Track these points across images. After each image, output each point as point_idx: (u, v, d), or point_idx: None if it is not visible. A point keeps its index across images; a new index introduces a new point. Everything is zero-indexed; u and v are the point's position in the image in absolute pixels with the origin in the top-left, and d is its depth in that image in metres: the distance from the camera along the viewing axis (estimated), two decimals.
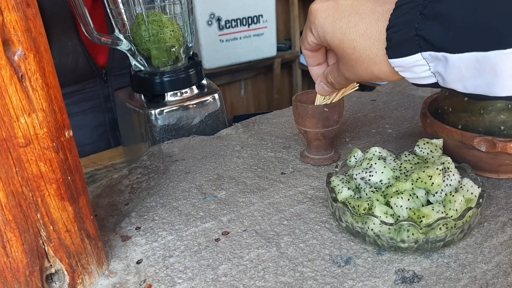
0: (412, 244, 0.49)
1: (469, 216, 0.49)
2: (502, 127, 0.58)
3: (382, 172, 0.53)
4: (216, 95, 1.01)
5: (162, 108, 0.95)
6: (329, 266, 0.51)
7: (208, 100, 1.00)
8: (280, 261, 0.52)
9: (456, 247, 0.52)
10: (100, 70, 1.21)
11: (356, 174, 0.55)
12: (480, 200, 0.50)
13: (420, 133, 0.79)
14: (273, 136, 0.85)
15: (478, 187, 0.51)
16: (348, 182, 0.56)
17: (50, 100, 0.46)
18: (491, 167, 0.59)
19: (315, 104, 0.70)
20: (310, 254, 0.53)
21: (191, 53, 1.04)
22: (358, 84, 0.69)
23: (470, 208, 0.49)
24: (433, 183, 0.50)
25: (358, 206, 0.50)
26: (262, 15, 2.56)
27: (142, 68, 0.98)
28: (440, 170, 0.50)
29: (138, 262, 0.55)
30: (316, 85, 0.61)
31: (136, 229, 0.61)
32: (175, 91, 0.98)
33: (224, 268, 0.52)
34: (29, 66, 0.44)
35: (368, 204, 0.50)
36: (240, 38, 2.53)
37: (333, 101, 0.67)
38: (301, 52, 2.91)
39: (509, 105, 0.57)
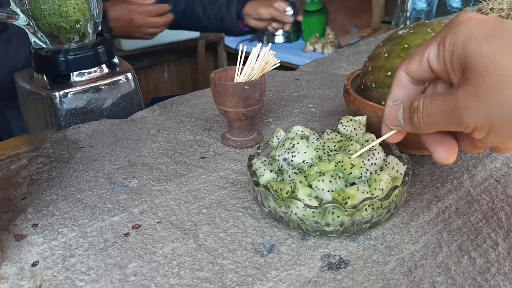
0: (337, 227, 0.46)
1: (395, 195, 0.46)
2: None
3: (305, 152, 0.49)
4: (129, 75, 0.93)
5: (67, 90, 0.85)
6: (251, 256, 0.46)
7: (120, 80, 0.92)
8: (197, 254, 0.47)
9: (383, 228, 0.49)
10: None
11: (279, 156, 0.51)
12: (406, 178, 0.48)
13: (343, 111, 0.77)
14: (192, 118, 0.79)
15: (404, 165, 0.49)
16: (271, 164, 0.52)
17: None
18: (415, 144, 0.57)
19: (235, 81, 0.65)
20: (231, 244, 0.48)
21: (99, 28, 0.95)
22: (279, 60, 0.65)
23: (396, 187, 0.46)
24: (350, 173, 0.47)
25: (280, 189, 0.46)
26: None
27: (44, 46, 0.88)
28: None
29: (34, 265, 0.47)
30: (387, 109, 0.41)
31: (32, 226, 0.53)
32: (82, 71, 0.89)
33: (134, 266, 0.46)
34: None
35: (291, 187, 0.46)
36: None
37: (252, 78, 0.63)
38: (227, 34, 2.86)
39: None
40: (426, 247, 0.47)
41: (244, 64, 0.66)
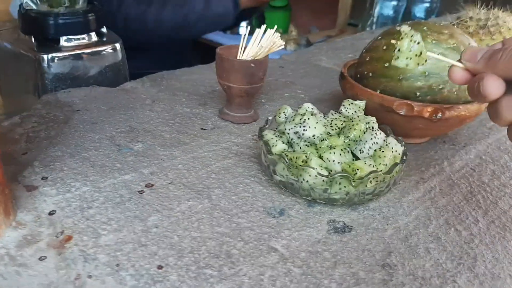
0: (343, 196, 0.51)
1: (396, 171, 0.52)
2: (418, 93, 0.62)
3: (315, 127, 0.54)
4: (117, 45, 0.93)
5: (55, 54, 0.85)
6: (264, 217, 0.50)
7: (108, 49, 0.92)
8: (214, 213, 0.50)
9: (379, 202, 0.55)
10: None
11: (289, 129, 0.55)
12: (404, 157, 0.53)
13: (330, 99, 0.82)
14: (186, 92, 0.81)
15: (401, 145, 0.55)
16: (280, 136, 0.56)
17: None
18: (405, 130, 0.63)
19: (238, 57, 0.68)
20: (244, 206, 0.52)
21: None
22: (284, 42, 0.69)
23: (397, 164, 0.51)
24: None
25: (296, 158, 0.50)
26: None
27: (34, 7, 0.87)
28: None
29: (51, 213, 0.48)
30: (467, 48, 0.42)
31: (42, 179, 0.54)
32: (71, 36, 0.88)
33: (154, 219, 0.48)
34: None
35: (306, 156, 0.50)
36: None
37: (258, 57, 0.66)
38: None
39: (426, 73, 0.61)
40: (418, 219, 0.52)
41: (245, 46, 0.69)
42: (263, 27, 0.70)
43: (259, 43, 0.69)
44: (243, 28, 2.92)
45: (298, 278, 0.42)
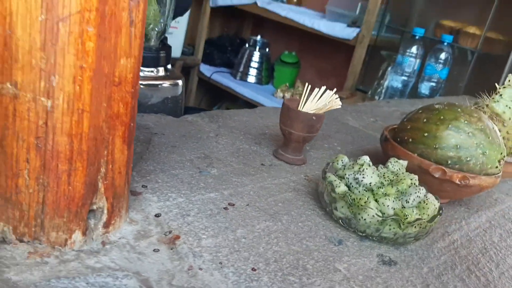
0: (391, 236, 0.63)
1: (435, 222, 0.64)
2: (449, 161, 0.75)
3: (371, 176, 0.66)
4: (179, 81, 1.06)
5: None
6: (327, 243, 0.61)
7: (171, 83, 1.04)
8: (287, 234, 0.61)
9: (415, 245, 0.67)
10: None
11: (349, 175, 0.67)
12: (440, 211, 0.66)
13: (363, 154, 0.95)
14: (241, 131, 0.93)
15: (438, 201, 0.67)
16: (341, 180, 0.68)
17: (140, 49, 0.50)
18: (434, 191, 0.76)
19: (299, 109, 0.81)
20: (309, 232, 0.63)
21: (163, 37, 1.08)
22: (340, 104, 0.82)
23: (436, 216, 0.64)
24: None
25: (359, 199, 0.62)
26: None
27: None
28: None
29: (157, 216, 0.59)
30: None
31: (142, 187, 0.65)
32: (144, 68, 1.01)
33: (241, 232, 0.59)
34: (138, 14, 0.48)
35: (367, 198, 0.62)
36: None
37: (322, 111, 0.79)
38: (203, 62, 3.00)
39: (458, 146, 0.75)
40: (446, 263, 0.64)
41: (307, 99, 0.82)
42: (323, 88, 0.83)
43: (318, 100, 0.82)
44: (252, 76, 3.08)
45: None
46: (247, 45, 3.02)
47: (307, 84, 0.84)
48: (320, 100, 0.81)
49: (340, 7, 2.59)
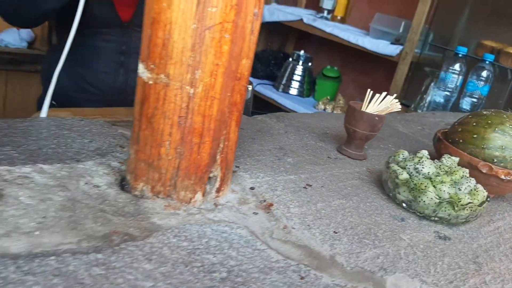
0: (446, 216, 0.74)
1: (483, 207, 0.75)
2: (495, 160, 0.86)
3: (429, 167, 0.78)
4: (250, 87, 1.19)
5: None
6: (391, 220, 0.73)
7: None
8: (358, 210, 0.73)
9: (465, 227, 0.78)
10: (122, 23, 1.29)
11: (410, 166, 0.79)
12: (488, 199, 0.77)
13: None
14: (305, 130, 1.06)
15: (485, 191, 0.78)
16: (403, 169, 0.80)
17: (253, 53, 0.63)
18: (481, 186, 0.87)
19: (362, 109, 0.93)
20: (376, 210, 0.75)
21: None
22: (400, 107, 0.94)
23: (485, 201, 0.75)
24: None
25: (420, 184, 0.74)
26: None
27: None
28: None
29: (252, 188, 0.72)
30: None
31: (236, 167, 0.78)
32: None
33: (321, 205, 0.72)
34: (256, 25, 0.61)
35: (426, 184, 0.74)
36: None
37: (383, 113, 0.91)
38: None
39: (503, 146, 0.85)
40: (492, 242, 0.75)
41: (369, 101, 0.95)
42: (384, 93, 0.95)
43: (380, 103, 0.94)
44: (294, 89, 3.20)
45: (421, 258, 0.65)
46: (290, 59, 3.16)
47: (369, 90, 0.97)
48: (381, 104, 0.93)
49: (384, 26, 2.71)
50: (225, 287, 0.50)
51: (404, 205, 0.77)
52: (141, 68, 0.60)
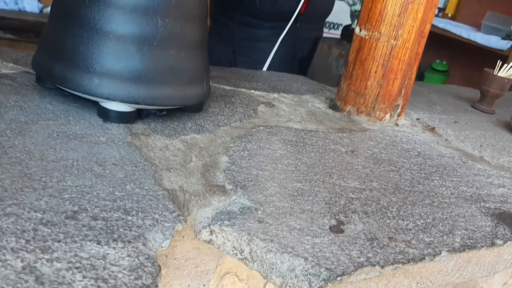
0: None
1: None
2: None
3: None
4: None
5: None
6: None
7: None
8: (495, 137, 1.02)
9: None
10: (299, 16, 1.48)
11: None
12: None
13: None
14: (444, 93, 1.36)
15: None
16: None
17: (432, 20, 0.95)
18: None
19: (495, 73, 1.21)
20: (508, 139, 1.03)
21: None
22: None
23: None
24: None
25: None
26: None
27: None
28: None
29: (417, 119, 1.04)
30: None
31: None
32: None
33: (468, 132, 1.02)
34: (437, 0, 0.93)
35: None
36: None
37: (510, 77, 1.19)
38: None
39: None
40: None
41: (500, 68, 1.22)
42: (511, 63, 1.22)
43: (508, 70, 1.21)
44: None
45: None
46: None
47: (499, 60, 1.24)
48: (510, 70, 1.21)
49: (495, 23, 2.88)
50: (419, 157, 0.82)
51: None
52: (358, 29, 0.94)
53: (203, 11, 0.73)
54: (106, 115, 0.67)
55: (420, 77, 3.43)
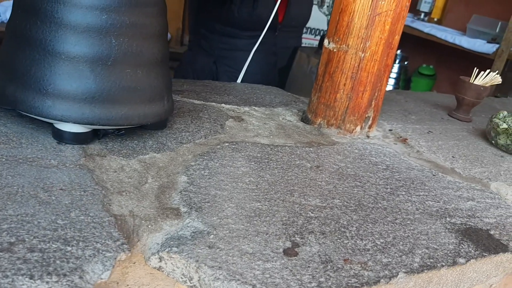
0: None
1: None
2: None
3: None
4: None
5: None
6: (493, 156, 1.01)
7: None
8: (469, 147, 1.02)
9: None
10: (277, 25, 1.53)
11: (508, 120, 1.05)
12: None
13: None
14: (421, 101, 1.35)
15: None
16: (503, 123, 1.06)
17: (401, 31, 0.94)
18: None
19: (471, 81, 1.20)
20: (482, 149, 1.02)
21: None
22: (500, 80, 1.21)
23: None
24: None
25: None
26: None
27: None
28: None
29: (390, 130, 1.03)
30: None
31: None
32: None
33: (441, 142, 1.01)
34: (405, 12, 0.92)
35: None
36: None
37: (487, 85, 1.18)
38: None
39: None
40: None
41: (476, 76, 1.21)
42: (488, 71, 1.21)
43: (484, 78, 1.21)
44: (390, 86, 3.41)
45: None
46: None
47: (475, 68, 1.24)
48: (485, 78, 1.20)
49: (480, 26, 2.88)
50: (386, 171, 0.81)
51: (503, 148, 1.04)
52: (326, 42, 0.93)
53: (162, 28, 0.72)
54: (60, 136, 0.66)
55: (407, 81, 3.43)
